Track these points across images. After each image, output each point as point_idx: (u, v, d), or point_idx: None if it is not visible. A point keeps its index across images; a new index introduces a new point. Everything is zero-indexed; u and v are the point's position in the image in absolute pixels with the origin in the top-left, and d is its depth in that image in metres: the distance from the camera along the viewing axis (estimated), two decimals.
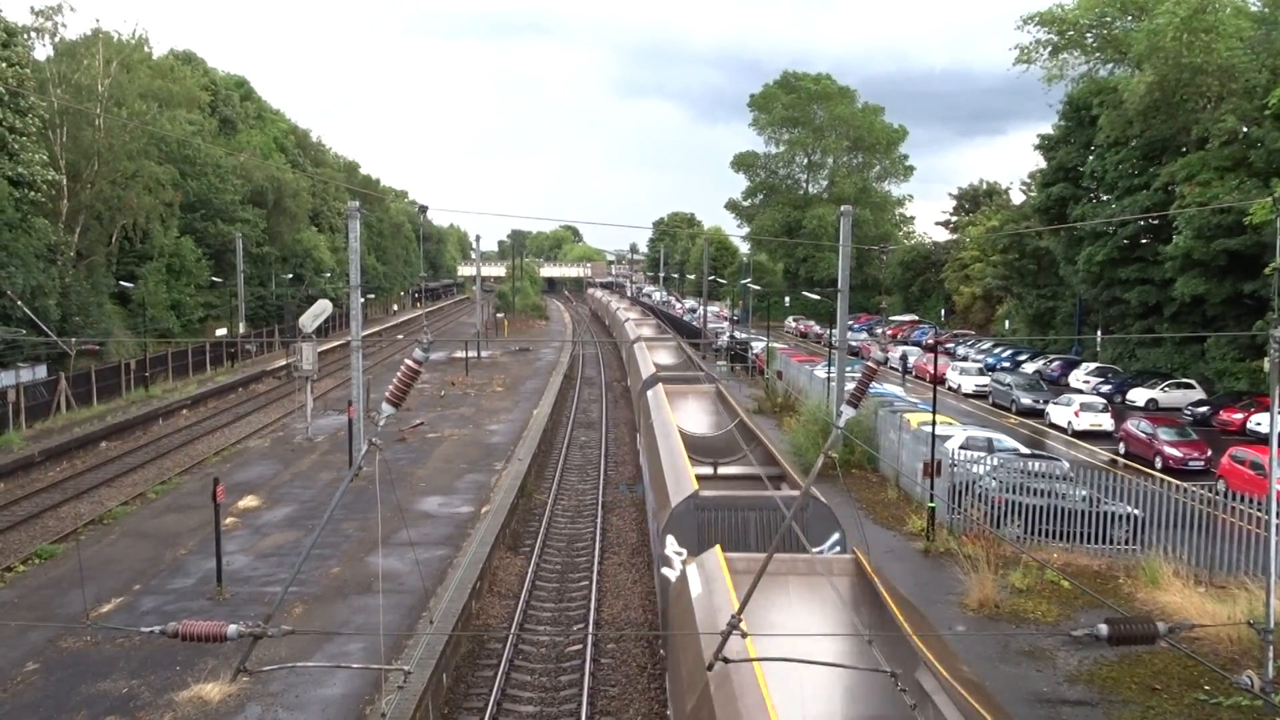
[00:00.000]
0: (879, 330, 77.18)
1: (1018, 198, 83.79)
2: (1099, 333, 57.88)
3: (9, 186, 40.72)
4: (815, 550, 11.92)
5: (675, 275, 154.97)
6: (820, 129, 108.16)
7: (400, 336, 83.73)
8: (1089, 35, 55.43)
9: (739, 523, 14.28)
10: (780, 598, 11.04)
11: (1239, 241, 41.71)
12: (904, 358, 55.32)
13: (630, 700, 15.99)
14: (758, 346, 60.73)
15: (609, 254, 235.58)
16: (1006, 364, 59.35)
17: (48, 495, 29.53)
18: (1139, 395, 45.64)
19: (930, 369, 44.27)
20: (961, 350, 66.10)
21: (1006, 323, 74.85)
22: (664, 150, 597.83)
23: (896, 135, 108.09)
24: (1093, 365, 53.29)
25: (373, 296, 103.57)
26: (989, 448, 28.53)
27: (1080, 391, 47.52)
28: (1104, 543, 22.11)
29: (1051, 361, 56.93)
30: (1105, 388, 48.15)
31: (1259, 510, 19.06)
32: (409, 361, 7.02)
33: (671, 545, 13.95)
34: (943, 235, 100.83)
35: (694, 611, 10.47)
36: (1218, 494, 20.56)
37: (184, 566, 20.80)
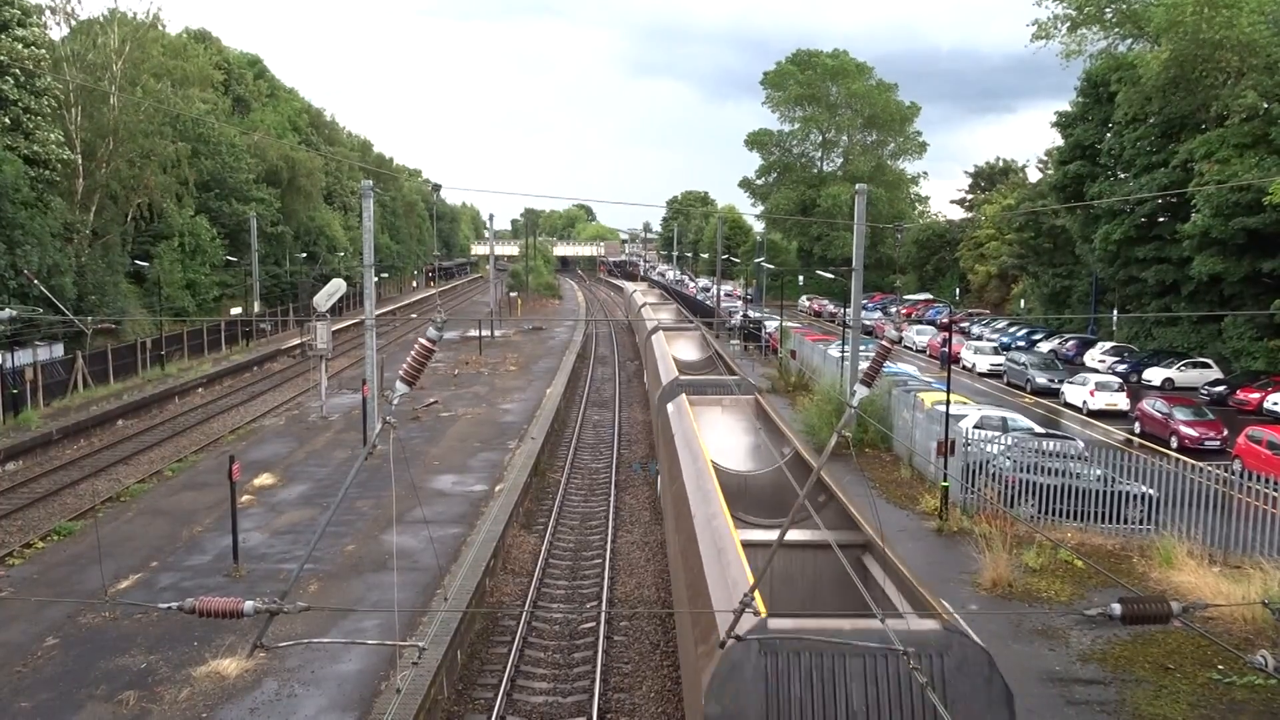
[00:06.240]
0: (893, 309, 76.73)
1: (1033, 175, 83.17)
2: (1115, 312, 57.50)
3: (25, 165, 40.87)
4: None
5: (689, 254, 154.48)
6: (834, 106, 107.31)
7: (414, 315, 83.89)
8: (1108, 10, 54.71)
9: (830, 679, 8.37)
10: None
11: (1258, 220, 41.26)
12: (946, 344, 53.29)
13: (643, 677, 16.08)
14: (771, 325, 60.59)
15: (622, 233, 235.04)
16: (1021, 343, 59.10)
17: (66, 473, 29.78)
18: (1155, 374, 45.41)
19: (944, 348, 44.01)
20: (976, 329, 65.80)
21: (1022, 302, 74.44)
22: (675, 129, 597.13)
23: (910, 112, 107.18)
24: (1108, 344, 52.97)
25: (386, 275, 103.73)
26: (1003, 427, 28.44)
27: (1096, 371, 47.30)
28: (1118, 522, 22.08)
29: (1067, 341, 56.62)
30: (1121, 367, 47.90)
31: (1275, 490, 19.00)
32: (423, 340, 7.04)
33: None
34: (957, 214, 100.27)
35: None
36: (1233, 474, 20.46)
37: (200, 544, 20.98)
